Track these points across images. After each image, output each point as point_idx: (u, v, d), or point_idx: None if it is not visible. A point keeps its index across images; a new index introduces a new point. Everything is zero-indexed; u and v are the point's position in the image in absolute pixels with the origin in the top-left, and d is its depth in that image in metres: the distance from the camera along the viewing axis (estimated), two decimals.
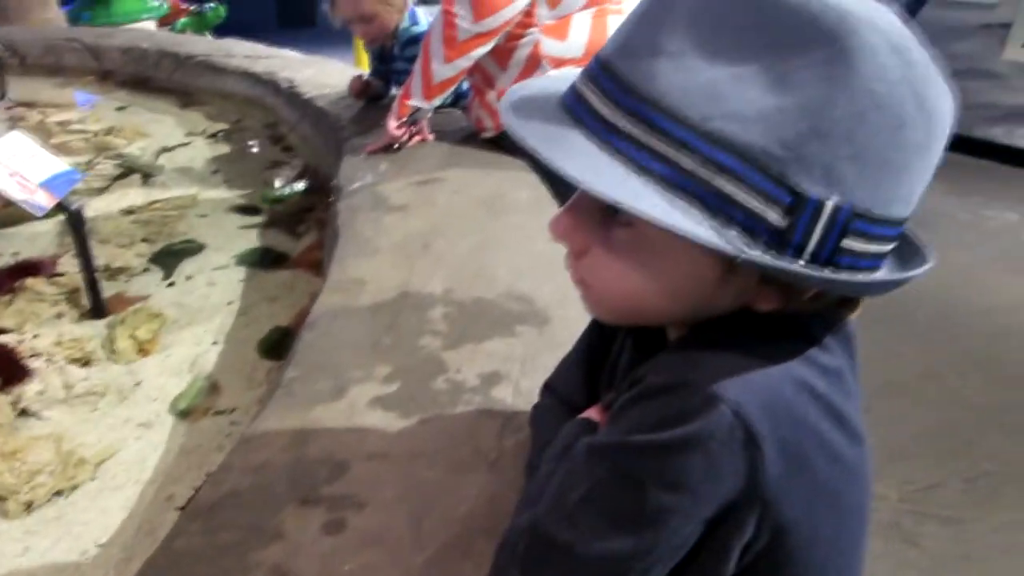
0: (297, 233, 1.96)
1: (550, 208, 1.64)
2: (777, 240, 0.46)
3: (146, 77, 3.41)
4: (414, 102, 1.83)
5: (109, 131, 2.68)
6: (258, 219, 2.04)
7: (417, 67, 1.80)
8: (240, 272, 1.75)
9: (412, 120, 1.90)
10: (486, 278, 1.31)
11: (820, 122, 0.44)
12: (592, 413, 0.73)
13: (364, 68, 2.56)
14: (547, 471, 0.68)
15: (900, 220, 0.50)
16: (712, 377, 0.48)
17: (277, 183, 2.25)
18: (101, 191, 2.19)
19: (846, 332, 0.57)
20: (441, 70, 1.75)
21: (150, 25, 4.60)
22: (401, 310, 1.21)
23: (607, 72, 0.50)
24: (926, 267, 0.52)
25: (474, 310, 1.21)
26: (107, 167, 2.37)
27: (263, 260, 1.81)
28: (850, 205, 0.46)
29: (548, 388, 0.86)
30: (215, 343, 1.47)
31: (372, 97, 2.38)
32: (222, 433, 1.24)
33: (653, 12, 0.50)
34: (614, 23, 1.73)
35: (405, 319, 1.18)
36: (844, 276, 0.48)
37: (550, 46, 1.73)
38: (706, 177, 0.45)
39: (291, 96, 2.75)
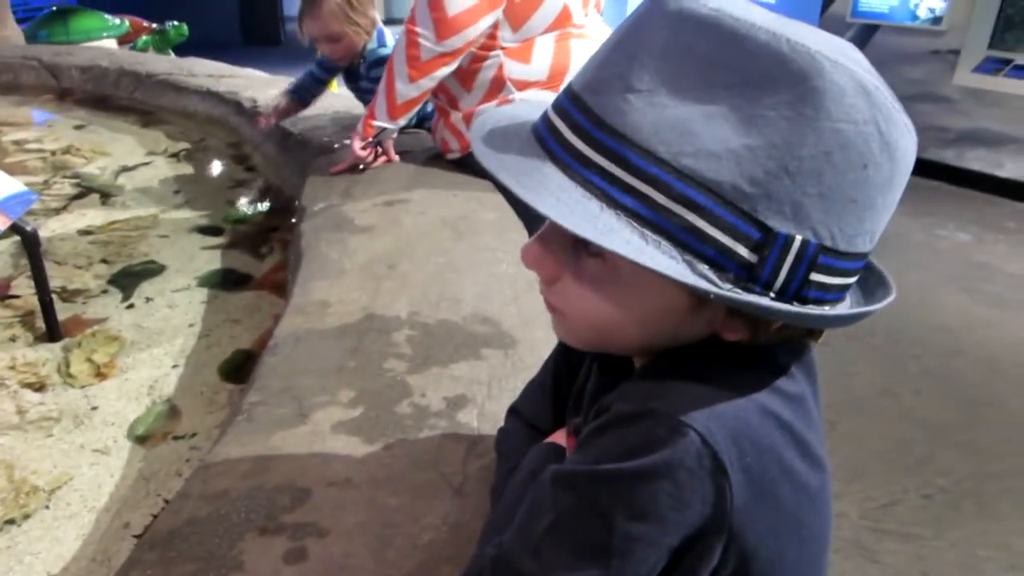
0: (260, 254, 1.95)
1: (516, 230, 1.65)
2: (746, 275, 0.47)
3: (106, 96, 3.37)
4: (379, 122, 1.83)
5: (67, 150, 2.64)
6: (220, 240, 2.02)
7: (382, 87, 1.80)
8: (202, 294, 1.72)
9: (377, 141, 1.90)
10: (452, 300, 1.31)
11: (789, 161, 0.45)
12: (558, 438, 0.73)
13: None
14: (512, 497, 0.68)
15: (864, 254, 0.51)
16: (679, 405, 0.49)
17: (240, 203, 2.23)
18: (58, 211, 2.15)
19: (808, 358, 0.58)
20: (405, 90, 1.75)
21: (110, 44, 4.53)
22: (366, 333, 1.20)
23: (578, 105, 0.50)
24: (889, 299, 0.54)
25: (439, 333, 1.21)
26: (64, 186, 2.33)
27: (225, 281, 1.79)
28: (817, 241, 0.47)
29: (514, 411, 0.85)
30: (175, 366, 1.45)
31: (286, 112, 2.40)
32: (181, 459, 1.21)
33: (624, 46, 0.50)
34: (577, 47, 1.75)
35: (370, 342, 1.18)
36: (811, 310, 0.49)
37: (514, 68, 1.74)
38: (678, 212, 0.46)
39: (254, 115, 2.73)
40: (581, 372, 0.73)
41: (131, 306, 1.66)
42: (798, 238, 0.46)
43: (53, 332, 1.49)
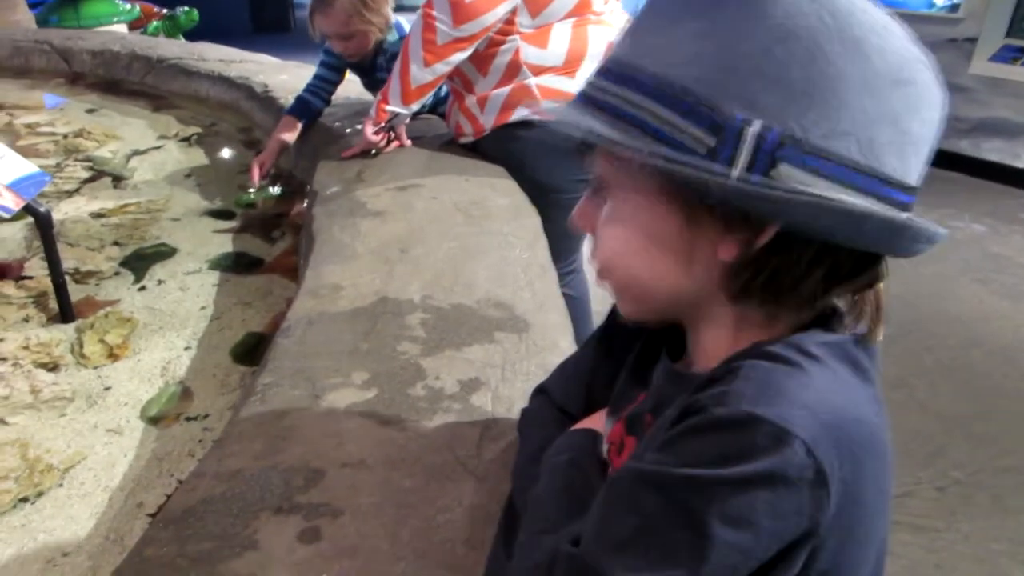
0: (272, 238, 1.94)
1: (528, 215, 1.64)
2: (708, 158, 0.50)
3: (117, 80, 3.37)
4: (392, 107, 1.81)
5: (79, 133, 2.63)
6: (232, 224, 2.02)
7: (396, 71, 1.78)
8: (213, 277, 1.72)
9: (390, 126, 1.89)
10: (465, 284, 1.30)
11: (730, 57, 0.51)
12: (595, 423, 0.73)
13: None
14: (550, 483, 0.68)
15: (855, 164, 0.50)
16: (785, 413, 0.47)
17: (251, 188, 2.23)
18: (70, 194, 2.15)
19: (877, 358, 0.57)
20: (420, 74, 1.74)
21: (121, 28, 4.53)
22: (379, 316, 1.20)
23: (606, 60, 0.59)
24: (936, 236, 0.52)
25: (453, 316, 1.20)
26: (77, 169, 2.33)
27: (237, 265, 1.79)
28: (777, 131, 0.49)
29: (542, 392, 0.85)
30: (187, 348, 1.45)
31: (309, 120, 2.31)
32: (194, 439, 1.21)
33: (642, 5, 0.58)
34: (595, 33, 1.73)
35: (383, 325, 1.17)
36: (779, 193, 0.49)
37: (530, 53, 1.73)
38: (647, 105, 0.52)
39: (266, 100, 2.73)
40: (629, 359, 0.74)
41: (143, 288, 1.66)
42: (757, 123, 0.49)
43: (66, 313, 1.49)
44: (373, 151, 1.93)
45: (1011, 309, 3.18)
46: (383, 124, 1.86)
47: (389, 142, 1.95)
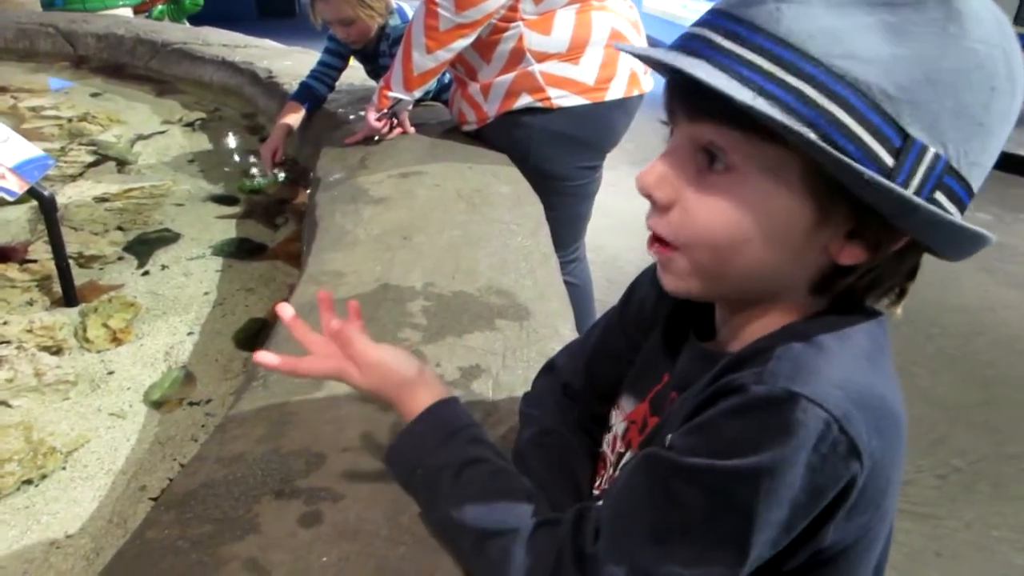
0: (275, 224, 1.95)
1: (530, 202, 1.64)
2: (882, 174, 0.48)
3: (122, 64, 3.36)
4: (395, 93, 1.81)
5: (83, 117, 2.63)
6: (235, 209, 2.02)
7: (398, 58, 1.78)
8: (217, 262, 1.72)
9: (393, 112, 1.89)
10: (466, 272, 1.30)
11: (932, 71, 0.47)
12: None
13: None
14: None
15: (972, 191, 0.51)
16: (819, 390, 0.49)
17: (255, 173, 2.23)
18: (74, 178, 2.16)
19: (888, 334, 0.59)
20: (422, 61, 1.73)
21: (125, 12, 4.51)
22: (381, 303, 1.20)
23: (727, 17, 0.51)
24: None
25: (454, 304, 1.20)
26: (81, 153, 2.33)
27: (240, 251, 1.79)
28: (946, 157, 0.48)
29: (550, 369, 0.85)
30: (190, 333, 1.45)
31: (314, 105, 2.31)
32: (196, 424, 1.22)
33: None
34: (598, 19, 1.73)
35: (384, 312, 1.17)
36: (947, 216, 0.49)
37: (534, 40, 1.72)
38: (826, 107, 0.47)
39: (270, 86, 2.72)
40: (652, 339, 0.73)
41: (146, 273, 1.66)
42: (931, 149, 0.48)
43: (70, 297, 1.50)
44: (376, 138, 1.93)
45: (1016, 298, 3.17)
46: (385, 111, 1.86)
47: (391, 129, 1.94)
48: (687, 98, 0.53)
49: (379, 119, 1.87)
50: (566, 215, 1.91)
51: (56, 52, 3.50)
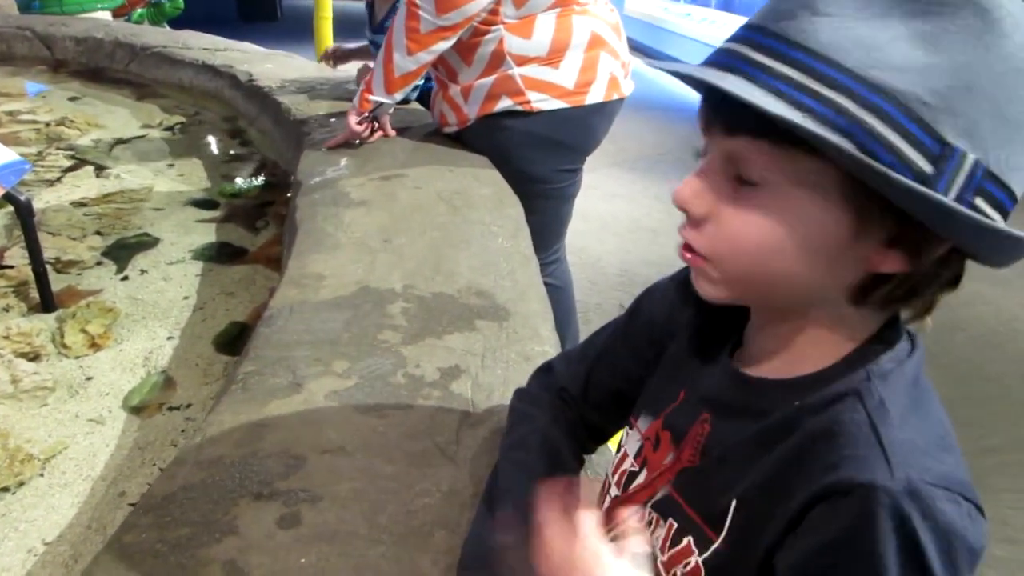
0: (256, 228, 1.94)
1: (511, 204, 1.65)
2: (919, 181, 0.47)
3: (100, 68, 3.34)
4: (376, 96, 1.81)
5: (61, 121, 2.61)
6: (216, 213, 2.01)
7: (379, 61, 1.78)
8: (196, 267, 1.72)
9: (374, 115, 1.89)
10: (446, 274, 1.30)
11: (969, 77, 0.47)
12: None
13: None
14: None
15: (1015, 196, 0.50)
16: (905, 475, 0.48)
17: (237, 178, 2.22)
18: (52, 183, 2.14)
19: None
20: (403, 63, 1.74)
21: (104, 16, 4.48)
22: (361, 305, 1.20)
23: (761, 32, 0.51)
24: None
25: (434, 305, 1.21)
26: (59, 158, 2.31)
27: (220, 255, 1.78)
28: (985, 163, 0.48)
29: (548, 371, 0.85)
30: (170, 338, 1.45)
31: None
32: (176, 429, 1.21)
33: None
34: (578, 23, 1.74)
35: (364, 314, 1.17)
36: (986, 221, 0.48)
37: (514, 43, 1.73)
38: (862, 117, 0.47)
39: (250, 89, 2.72)
40: (668, 355, 0.72)
41: (125, 278, 1.65)
42: (971, 156, 0.47)
43: (47, 303, 1.49)
44: (357, 141, 1.93)
45: (994, 295, 3.21)
46: (366, 114, 1.86)
47: (372, 132, 1.94)
48: (721, 113, 0.53)
49: (360, 122, 1.87)
50: (547, 217, 1.91)
51: (33, 56, 3.47)
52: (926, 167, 0.47)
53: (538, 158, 1.83)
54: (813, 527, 0.50)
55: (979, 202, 0.48)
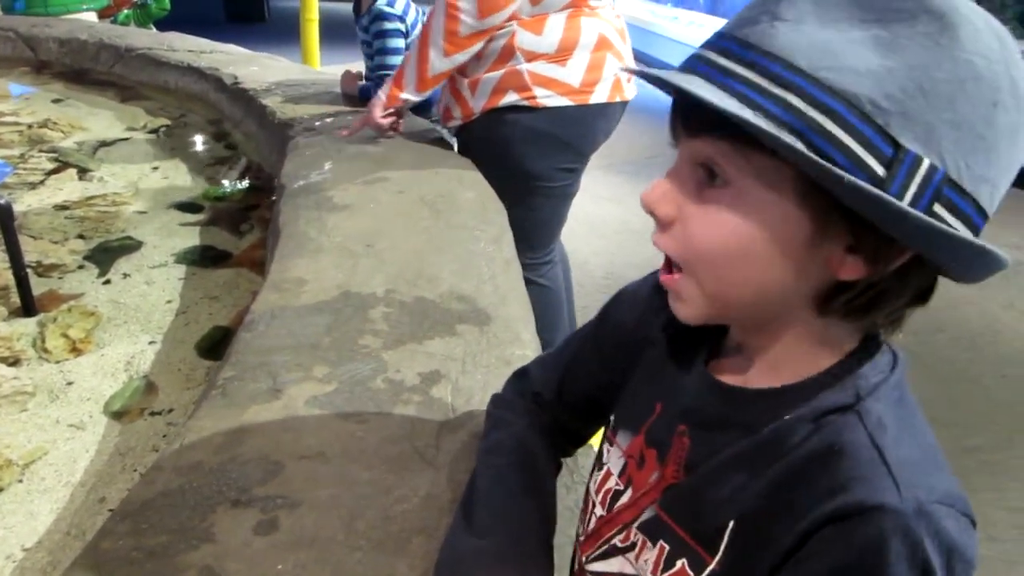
0: (240, 231, 1.94)
1: (495, 208, 1.65)
2: (873, 183, 0.47)
3: (84, 69, 3.32)
4: (406, 94, 1.84)
5: (44, 124, 2.60)
6: (200, 217, 2.01)
7: (412, 59, 1.80)
8: (180, 270, 1.71)
9: (398, 111, 1.92)
10: (428, 278, 1.31)
11: (925, 81, 0.47)
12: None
13: (314, 66, 2.53)
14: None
15: (982, 208, 0.50)
16: (913, 496, 0.49)
17: (220, 180, 2.21)
18: (34, 185, 2.13)
19: None
20: (439, 63, 1.77)
21: (90, 17, 4.45)
22: (342, 310, 1.20)
23: (726, 38, 0.53)
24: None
25: (416, 310, 1.21)
26: (41, 161, 2.30)
27: (204, 258, 1.78)
28: (944, 169, 0.48)
29: (524, 376, 0.85)
30: (152, 342, 1.44)
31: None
32: (158, 434, 1.21)
33: None
34: (587, 24, 1.78)
35: (345, 319, 1.18)
36: (941, 226, 0.48)
37: (525, 39, 1.76)
38: (814, 117, 0.48)
39: (236, 92, 2.71)
40: (639, 369, 0.72)
41: (108, 282, 1.65)
42: (926, 160, 0.47)
43: (28, 307, 1.48)
44: (375, 134, 1.95)
45: (976, 296, 3.25)
46: (391, 109, 1.89)
47: (392, 127, 1.98)
48: (685, 115, 0.54)
49: (384, 116, 1.90)
50: (543, 216, 1.94)
51: (16, 57, 3.45)
52: (879, 169, 0.47)
53: (538, 155, 1.85)
54: (820, 550, 0.50)
55: (938, 209, 0.48)
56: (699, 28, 7.59)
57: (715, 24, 7.50)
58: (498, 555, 0.67)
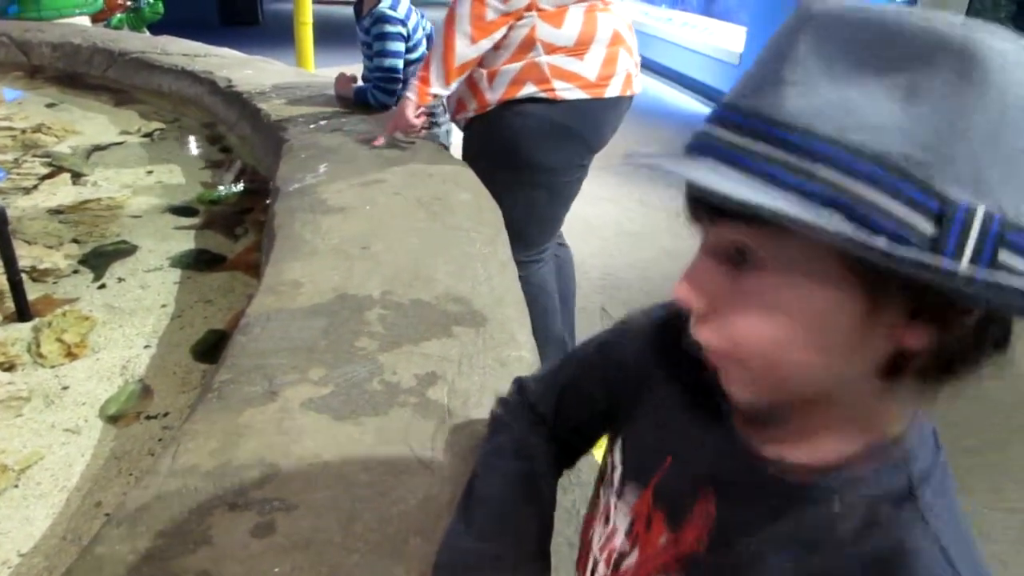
0: (235, 235, 1.93)
1: (490, 209, 1.65)
2: (925, 248, 0.42)
3: (78, 73, 3.31)
4: (435, 89, 1.83)
5: (37, 128, 2.59)
6: (194, 220, 2.00)
7: (436, 52, 1.80)
8: (175, 274, 1.71)
9: (429, 109, 1.93)
10: (424, 280, 1.31)
11: (959, 121, 0.42)
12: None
13: (308, 69, 2.53)
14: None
15: None
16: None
17: (215, 184, 2.21)
18: (28, 190, 2.12)
19: None
20: (466, 51, 1.77)
21: (83, 21, 4.44)
22: (337, 312, 1.20)
23: (731, 110, 0.47)
24: None
25: (412, 312, 1.21)
26: (35, 165, 2.29)
27: (199, 262, 1.78)
28: (1002, 213, 0.42)
29: (522, 389, 0.83)
30: (147, 346, 1.44)
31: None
32: (154, 438, 1.21)
33: (773, 53, 0.48)
34: (603, 19, 1.81)
35: (341, 321, 1.17)
36: (1009, 277, 0.42)
37: (545, 31, 1.77)
38: (846, 186, 0.42)
39: (230, 95, 2.70)
40: (646, 418, 0.67)
41: (103, 286, 1.64)
42: (981, 207, 0.41)
43: (23, 312, 1.48)
44: (404, 137, 1.95)
45: None
46: (423, 107, 1.89)
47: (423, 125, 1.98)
48: (701, 201, 0.49)
49: (418, 115, 1.90)
50: (542, 212, 1.94)
51: (9, 61, 3.43)
52: (928, 228, 0.42)
53: (552, 147, 1.86)
54: None
55: (1004, 256, 0.42)
56: (693, 29, 7.60)
57: (709, 25, 7.50)
58: (497, 559, 0.67)
